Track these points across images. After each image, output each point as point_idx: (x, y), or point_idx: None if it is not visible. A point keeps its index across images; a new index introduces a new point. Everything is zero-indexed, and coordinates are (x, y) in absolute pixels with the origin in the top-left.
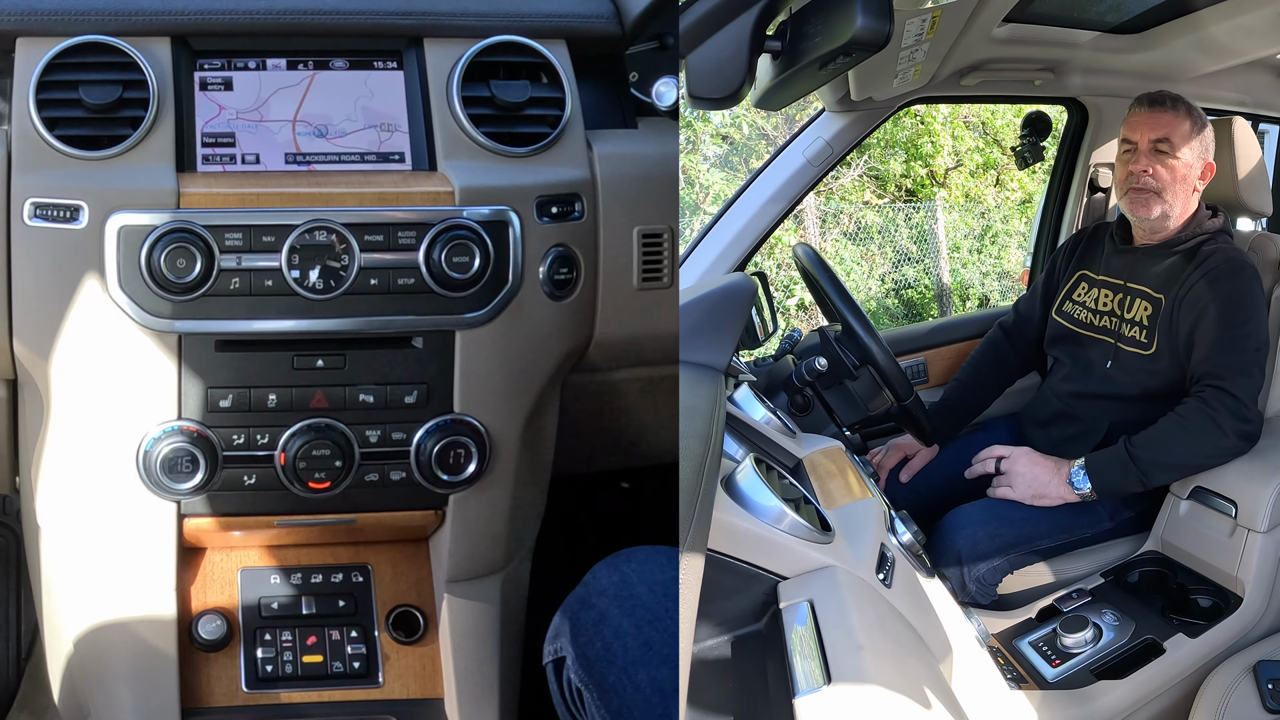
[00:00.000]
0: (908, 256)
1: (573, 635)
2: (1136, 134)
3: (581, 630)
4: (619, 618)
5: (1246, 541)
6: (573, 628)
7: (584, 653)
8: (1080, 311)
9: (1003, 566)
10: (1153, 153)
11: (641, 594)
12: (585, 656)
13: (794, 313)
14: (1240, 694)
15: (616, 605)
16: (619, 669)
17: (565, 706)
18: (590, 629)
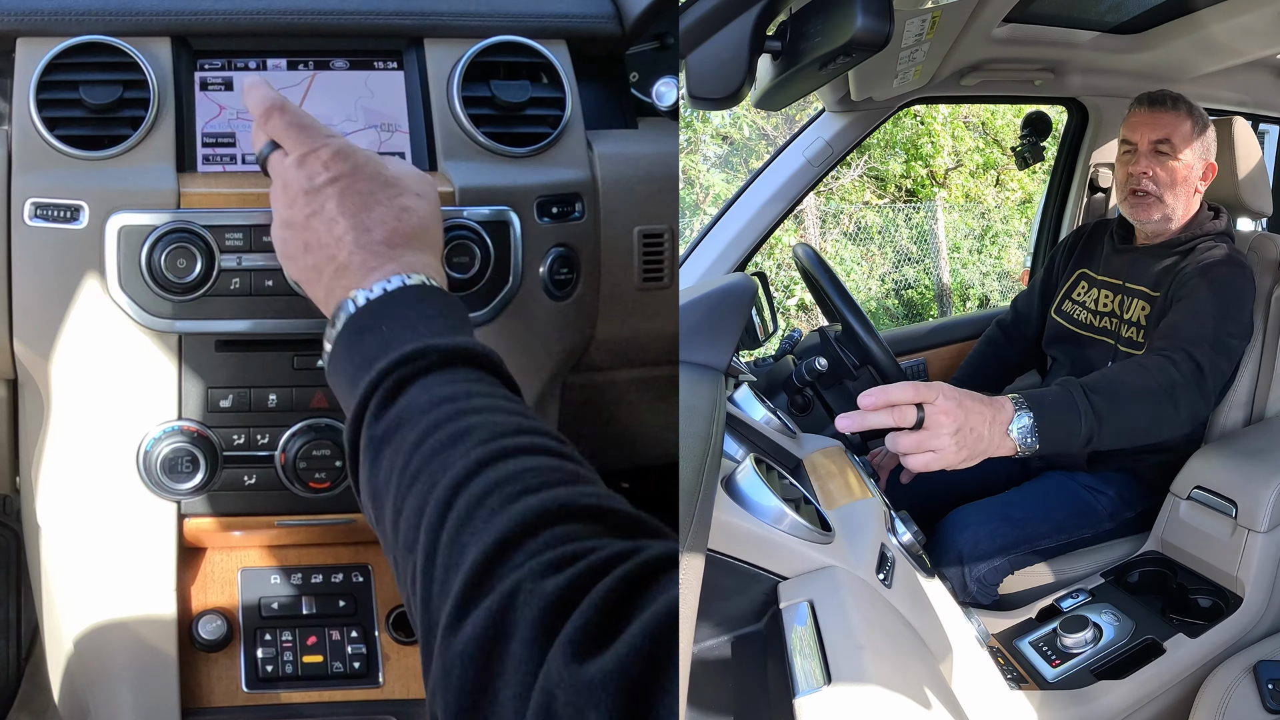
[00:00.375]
0: (908, 256)
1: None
2: (1136, 135)
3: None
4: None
5: (1246, 541)
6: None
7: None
8: (1080, 311)
9: (1004, 566)
10: (1153, 154)
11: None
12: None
13: (794, 313)
14: (1240, 694)
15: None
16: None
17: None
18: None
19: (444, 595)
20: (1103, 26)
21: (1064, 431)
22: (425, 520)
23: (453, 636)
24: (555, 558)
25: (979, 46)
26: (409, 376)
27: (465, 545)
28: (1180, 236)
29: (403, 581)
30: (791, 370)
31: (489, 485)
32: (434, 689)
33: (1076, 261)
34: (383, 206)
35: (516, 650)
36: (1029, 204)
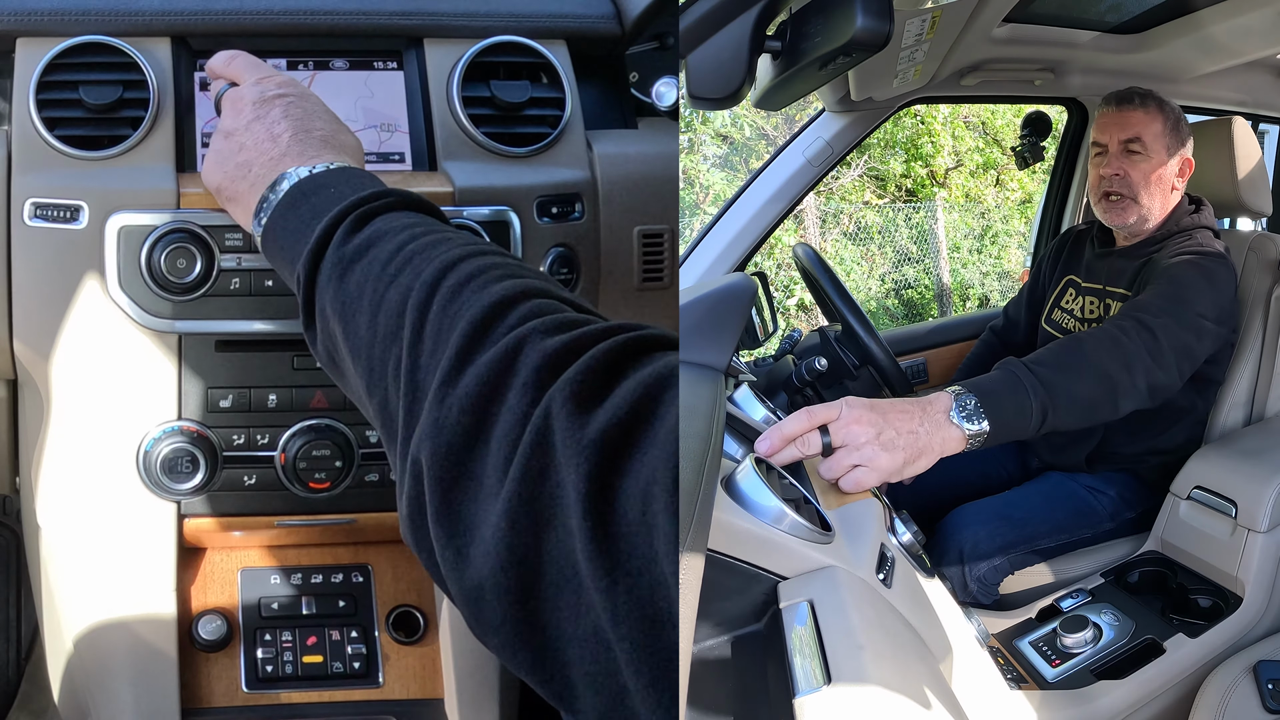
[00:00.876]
0: (908, 256)
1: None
2: (1106, 135)
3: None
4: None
5: (1246, 541)
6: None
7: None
8: (1068, 320)
9: (1004, 566)
10: (1124, 154)
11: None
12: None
13: (794, 313)
14: (1240, 694)
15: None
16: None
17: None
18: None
19: (436, 357)
20: (1103, 26)
21: (1013, 410)
22: (412, 300)
23: (450, 388)
24: (557, 320)
25: (979, 46)
26: (375, 210)
27: (458, 311)
28: (1156, 234)
29: (379, 375)
30: (791, 370)
31: (477, 269)
32: (420, 440)
33: (1063, 268)
34: (323, 120)
35: (515, 395)
36: (1029, 204)
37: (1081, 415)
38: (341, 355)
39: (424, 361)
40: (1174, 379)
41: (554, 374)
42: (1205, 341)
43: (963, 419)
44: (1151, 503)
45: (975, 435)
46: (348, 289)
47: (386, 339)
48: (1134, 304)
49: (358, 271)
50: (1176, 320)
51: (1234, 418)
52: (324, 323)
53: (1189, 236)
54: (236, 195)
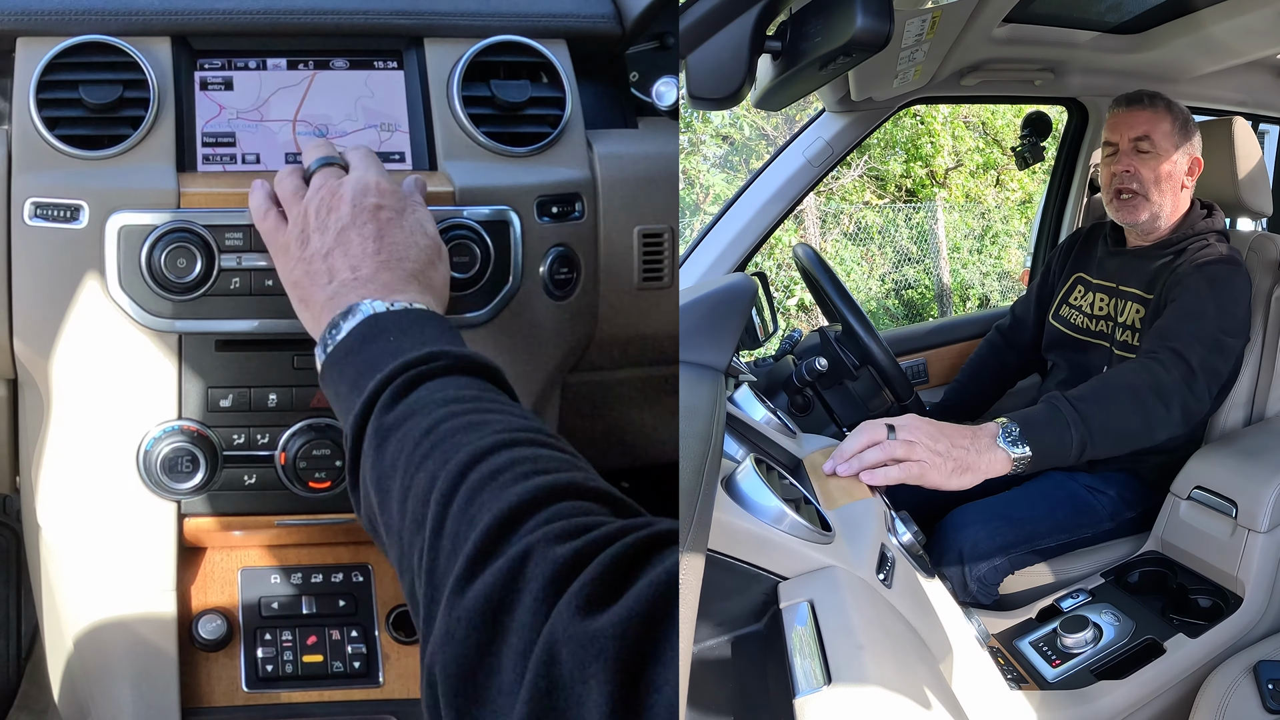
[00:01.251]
0: (908, 257)
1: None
2: (1116, 134)
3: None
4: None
5: (1246, 541)
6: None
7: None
8: (1076, 316)
9: (1004, 566)
10: (1134, 152)
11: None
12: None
13: (794, 313)
14: (1240, 694)
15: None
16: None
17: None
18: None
19: (452, 561)
20: (1103, 26)
21: (1053, 440)
22: (436, 493)
23: (459, 598)
24: (567, 527)
25: (979, 46)
26: (422, 376)
27: (476, 515)
28: (1172, 236)
29: (407, 562)
30: (791, 370)
31: (503, 463)
32: (434, 651)
33: (1073, 266)
34: (418, 249)
35: (523, 610)
36: (1029, 204)
37: (1118, 445)
38: (379, 527)
39: (442, 562)
40: (1206, 403)
41: (562, 586)
42: (1229, 357)
43: (1008, 444)
44: (1151, 502)
45: (1019, 459)
46: (383, 463)
47: (413, 526)
48: (1163, 332)
49: (392, 445)
50: (1204, 344)
51: (1234, 418)
52: (364, 491)
53: (1204, 242)
54: (309, 299)
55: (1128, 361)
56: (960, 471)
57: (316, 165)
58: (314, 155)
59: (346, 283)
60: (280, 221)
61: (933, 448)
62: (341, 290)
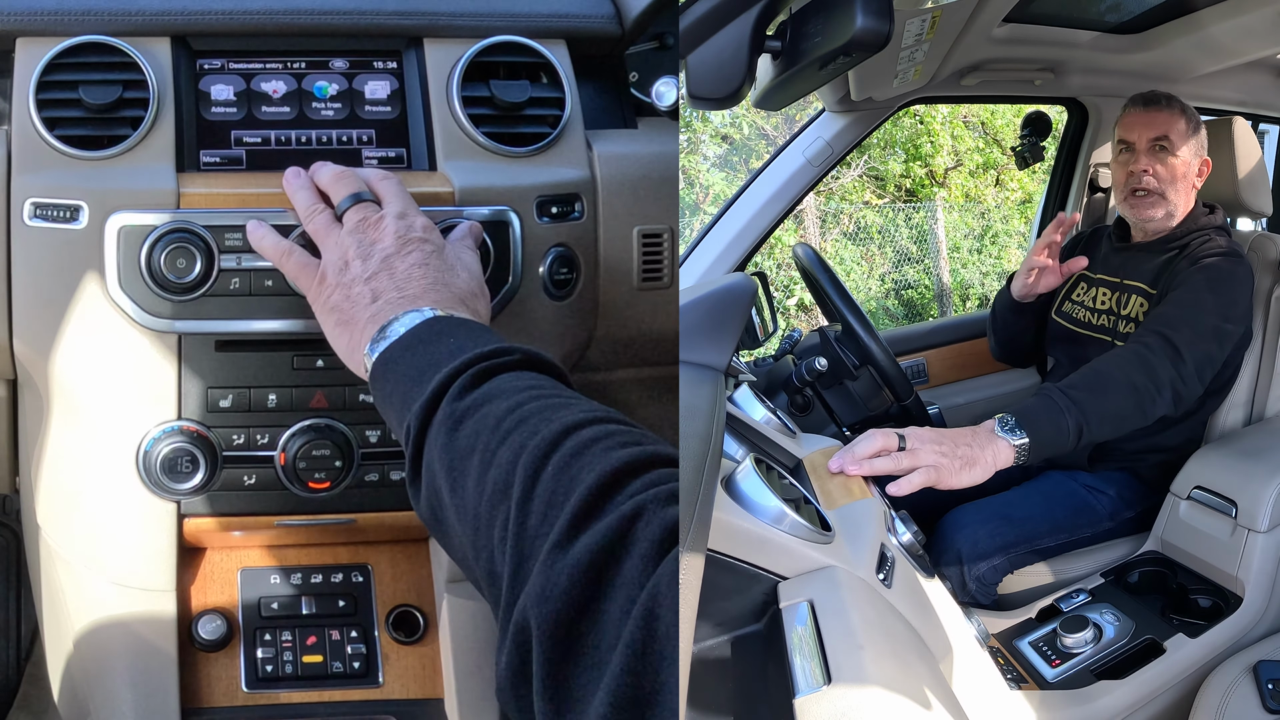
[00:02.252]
0: (908, 256)
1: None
2: (1134, 134)
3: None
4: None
5: (1246, 541)
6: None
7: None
8: (1079, 311)
9: (1003, 566)
10: (1152, 152)
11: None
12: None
13: (794, 313)
14: (1240, 694)
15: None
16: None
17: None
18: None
19: (548, 521)
20: (1103, 26)
21: (1051, 427)
22: (524, 459)
23: (561, 553)
24: (675, 489)
25: (979, 46)
26: (494, 368)
27: (577, 475)
28: (1176, 232)
29: (484, 537)
30: (791, 370)
31: (598, 434)
32: (527, 608)
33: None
34: (463, 281)
35: (631, 566)
36: (1029, 204)
37: (1114, 428)
38: (446, 512)
39: (533, 523)
40: (1196, 389)
41: (670, 545)
42: (1225, 345)
43: (1005, 432)
44: (1151, 502)
45: (1020, 446)
46: (457, 444)
47: (495, 496)
48: (1156, 318)
49: (469, 426)
50: (1196, 331)
51: (1234, 418)
52: (430, 478)
53: (1207, 237)
54: (352, 319)
55: (1118, 348)
56: (968, 466)
57: (349, 203)
58: (344, 191)
59: (393, 300)
60: (308, 256)
61: (938, 450)
62: (388, 305)
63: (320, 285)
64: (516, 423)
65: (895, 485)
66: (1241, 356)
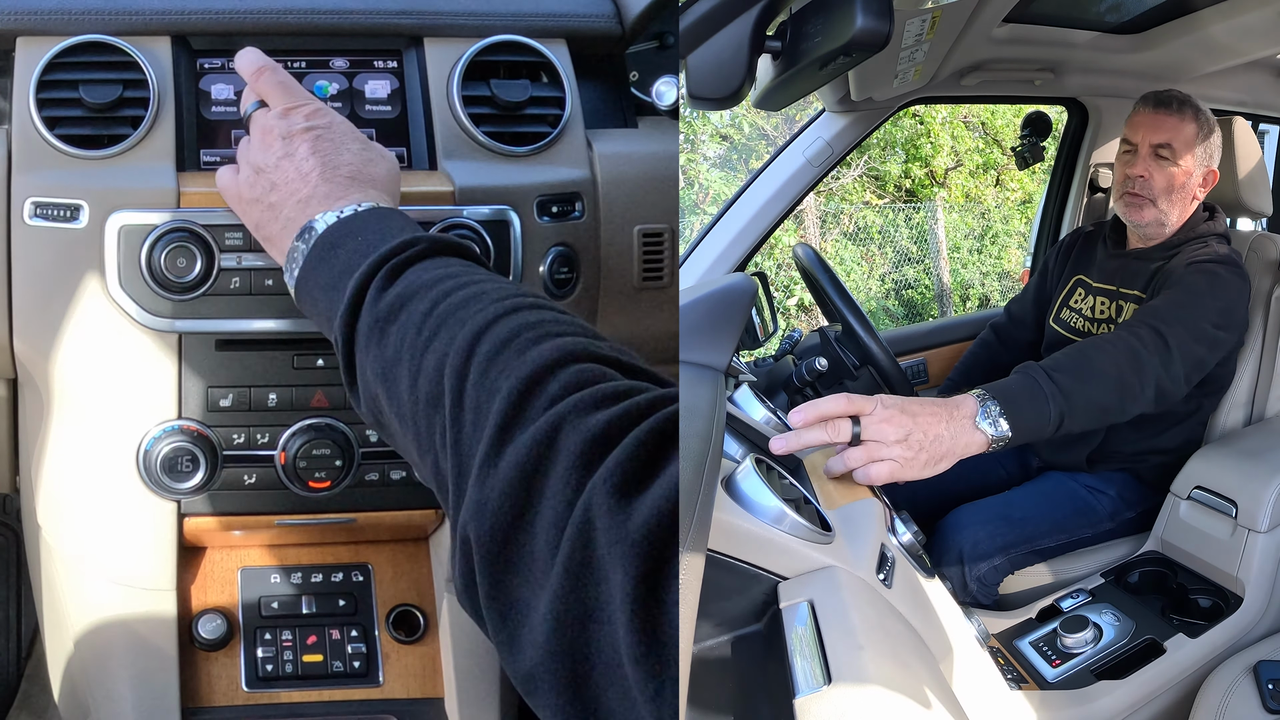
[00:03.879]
0: (908, 257)
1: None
2: (1138, 135)
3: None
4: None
5: (1246, 541)
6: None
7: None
8: (1077, 319)
9: (1004, 566)
10: (1152, 157)
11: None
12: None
13: (794, 313)
14: (1240, 694)
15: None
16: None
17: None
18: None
19: (477, 431)
20: (1103, 26)
21: (1033, 415)
22: (449, 368)
23: (491, 468)
24: (595, 395)
25: (979, 46)
26: (403, 263)
27: (495, 383)
28: (1173, 239)
29: (427, 442)
30: (791, 370)
31: (512, 329)
32: (466, 521)
33: (1072, 268)
34: (351, 152)
35: (556, 480)
36: (1029, 204)
37: (1095, 419)
38: (388, 418)
39: (466, 434)
40: (1180, 388)
41: (595, 459)
42: (1216, 350)
43: (987, 424)
44: (1151, 503)
45: (998, 439)
46: (385, 352)
47: (429, 406)
48: (1148, 310)
49: (393, 333)
50: (1188, 330)
51: (1234, 418)
52: (365, 385)
53: (1204, 243)
54: (271, 237)
55: (1105, 334)
56: (934, 461)
57: (251, 109)
58: (247, 100)
59: (294, 210)
60: (234, 174)
61: (904, 442)
62: (292, 220)
63: (241, 204)
64: (436, 326)
65: (862, 474)
66: (1236, 360)
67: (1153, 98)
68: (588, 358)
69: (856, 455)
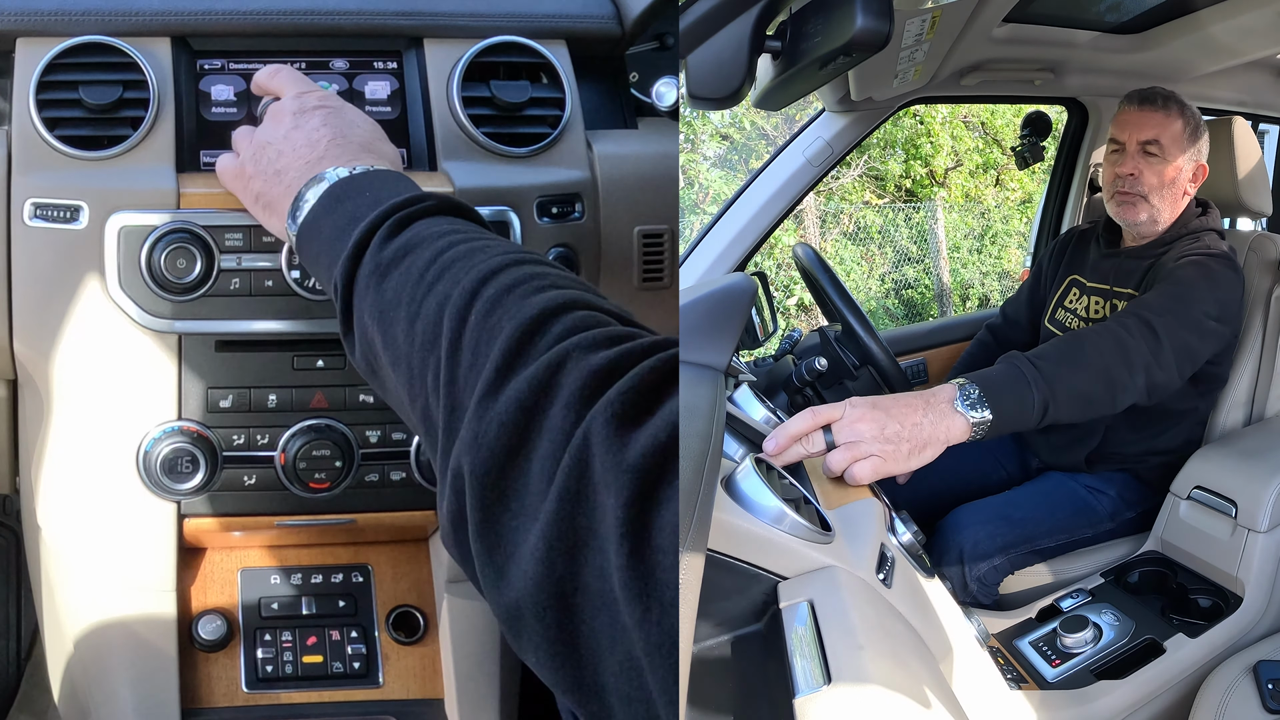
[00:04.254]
0: (908, 256)
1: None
2: (1125, 134)
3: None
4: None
5: (1246, 541)
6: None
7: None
8: (1072, 320)
9: (1004, 566)
10: (1141, 154)
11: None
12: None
13: (794, 313)
14: (1240, 694)
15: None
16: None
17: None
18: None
19: (474, 370)
20: (1102, 26)
21: (1014, 401)
22: (450, 309)
23: (491, 401)
24: (599, 336)
25: (979, 46)
26: (412, 215)
27: (498, 324)
28: (1165, 236)
29: (419, 384)
30: (791, 370)
31: (518, 278)
32: (460, 455)
33: (1066, 267)
34: (362, 129)
35: (556, 413)
36: (1029, 204)
37: (1081, 409)
38: (381, 363)
39: (463, 373)
40: (1173, 378)
41: (596, 392)
42: (1208, 341)
43: (966, 407)
44: (1151, 503)
45: (979, 423)
46: (385, 295)
47: (425, 347)
48: (1138, 302)
49: (395, 278)
50: (1178, 319)
51: (1234, 418)
52: (362, 330)
53: (1196, 239)
54: (272, 200)
55: (1093, 326)
56: (918, 450)
57: (265, 105)
58: (261, 103)
59: (302, 169)
60: (235, 158)
61: (881, 435)
62: (299, 176)
63: (240, 180)
64: (439, 272)
65: (849, 475)
66: (1232, 358)
67: (1137, 96)
68: (591, 307)
69: (838, 458)
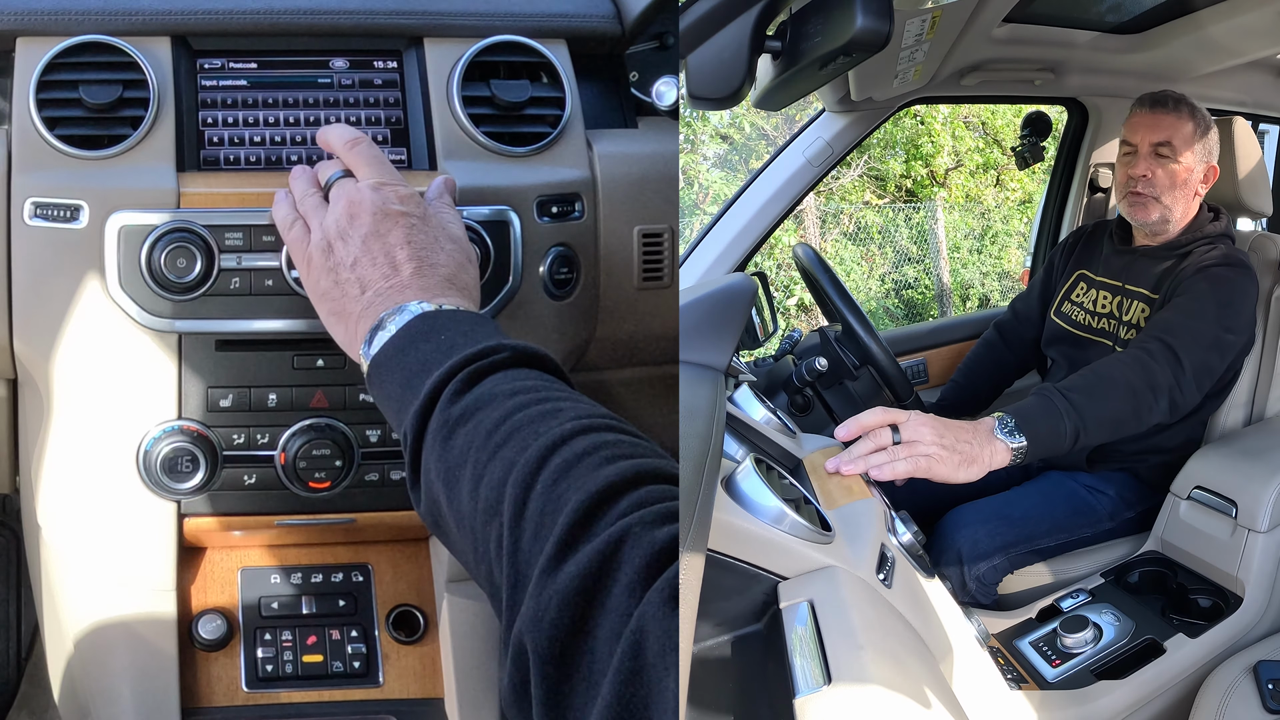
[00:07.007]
0: (908, 256)
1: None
2: (1137, 136)
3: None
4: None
5: (1246, 541)
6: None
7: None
8: (1078, 313)
9: (1003, 566)
10: (1153, 156)
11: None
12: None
13: (794, 313)
14: (1240, 694)
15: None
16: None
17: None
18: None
19: (538, 542)
20: (1103, 26)
21: (1049, 430)
22: (514, 477)
23: (550, 578)
24: (662, 511)
25: (979, 46)
26: (484, 370)
27: (563, 496)
28: (1180, 239)
29: (483, 549)
30: (791, 370)
31: (586, 447)
32: (522, 630)
33: (1076, 262)
34: (447, 254)
35: (619, 592)
36: (1029, 204)
37: (1110, 433)
38: (446, 520)
39: (525, 544)
40: (1194, 397)
41: (657, 571)
42: (1226, 356)
43: (1005, 434)
44: (1151, 502)
45: (1018, 449)
46: (451, 454)
47: (488, 513)
48: (1158, 324)
49: (461, 437)
50: (1197, 340)
51: (1234, 418)
52: (428, 485)
53: (1212, 245)
54: (343, 311)
55: (1119, 353)
56: (967, 464)
57: (335, 177)
58: (330, 169)
59: (382, 290)
60: (305, 233)
61: (939, 442)
62: (379, 297)
63: (309, 267)
64: (507, 435)
65: (878, 470)
66: (1242, 361)
67: (1149, 99)
68: (662, 479)
69: (895, 452)
